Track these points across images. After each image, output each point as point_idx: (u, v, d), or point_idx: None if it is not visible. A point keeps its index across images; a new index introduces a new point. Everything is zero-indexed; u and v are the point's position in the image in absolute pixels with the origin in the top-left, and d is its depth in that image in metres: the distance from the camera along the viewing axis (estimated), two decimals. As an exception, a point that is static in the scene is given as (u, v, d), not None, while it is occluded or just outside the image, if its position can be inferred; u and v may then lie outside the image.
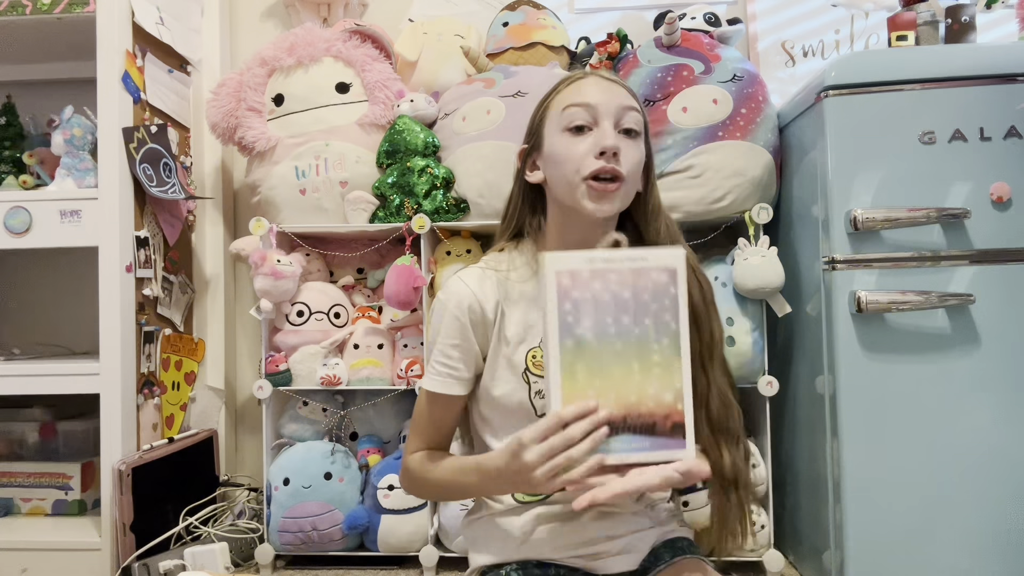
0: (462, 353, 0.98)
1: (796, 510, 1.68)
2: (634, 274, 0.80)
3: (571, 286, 0.80)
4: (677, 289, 0.81)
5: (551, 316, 0.80)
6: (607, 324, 0.80)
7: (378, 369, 1.75)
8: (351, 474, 1.72)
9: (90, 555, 1.63)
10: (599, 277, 0.80)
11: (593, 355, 0.80)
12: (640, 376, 0.80)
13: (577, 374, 0.80)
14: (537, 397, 0.99)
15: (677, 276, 0.81)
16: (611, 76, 1.00)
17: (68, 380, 1.68)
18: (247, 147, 1.86)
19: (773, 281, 1.58)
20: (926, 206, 1.41)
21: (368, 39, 1.89)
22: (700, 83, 1.70)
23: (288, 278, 1.73)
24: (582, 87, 0.97)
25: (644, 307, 0.81)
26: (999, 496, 1.38)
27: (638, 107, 0.97)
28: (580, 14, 2.14)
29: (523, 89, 1.77)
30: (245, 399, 2.15)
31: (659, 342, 0.81)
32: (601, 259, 0.80)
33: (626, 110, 0.95)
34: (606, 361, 0.80)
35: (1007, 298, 1.40)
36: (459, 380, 0.98)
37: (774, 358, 1.68)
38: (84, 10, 1.72)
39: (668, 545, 0.99)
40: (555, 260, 0.80)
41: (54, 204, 1.68)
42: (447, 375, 0.98)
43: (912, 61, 1.47)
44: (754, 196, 1.67)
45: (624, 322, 0.80)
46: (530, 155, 1.02)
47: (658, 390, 0.80)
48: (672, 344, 0.81)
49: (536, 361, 0.99)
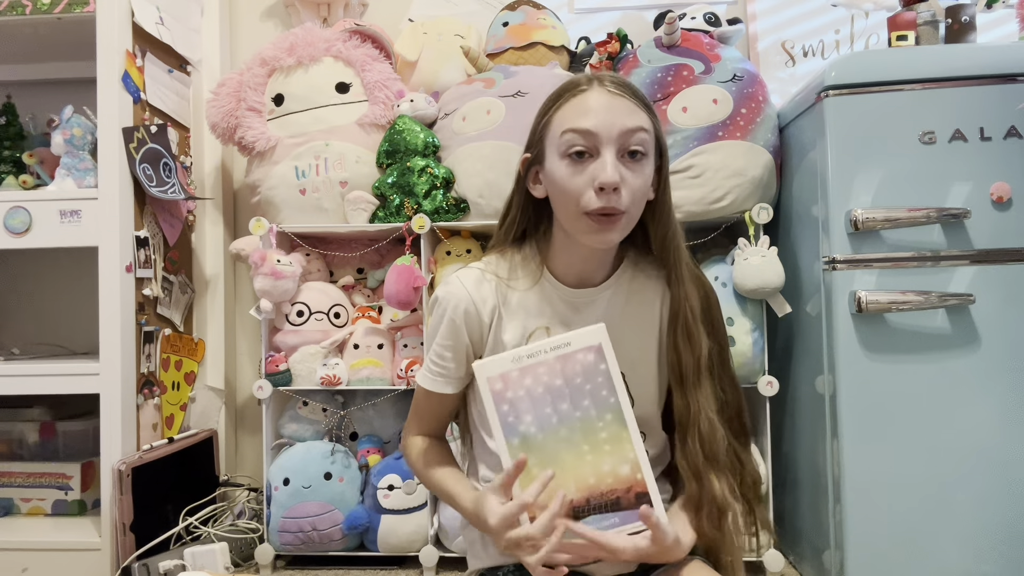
0: (455, 354, 0.98)
1: (796, 510, 1.68)
2: (561, 361, 0.83)
3: (504, 388, 0.83)
4: (607, 363, 0.83)
5: (492, 421, 0.83)
6: (547, 415, 0.83)
7: (378, 369, 1.75)
8: (351, 474, 1.72)
9: (90, 555, 1.63)
10: (528, 373, 0.83)
11: (541, 447, 0.83)
12: (592, 456, 0.83)
13: (530, 469, 0.82)
14: None
15: (603, 351, 0.83)
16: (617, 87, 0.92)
17: (68, 380, 1.68)
18: (247, 147, 1.86)
19: (773, 281, 1.58)
20: (926, 206, 1.41)
21: (368, 39, 1.89)
22: (700, 83, 1.70)
23: (288, 278, 1.73)
24: (584, 105, 0.91)
25: (579, 390, 0.83)
26: (999, 496, 1.38)
27: (644, 124, 0.91)
28: (580, 14, 2.14)
29: (523, 89, 1.77)
30: (245, 399, 2.15)
31: (602, 419, 0.83)
32: (526, 355, 0.83)
33: (630, 133, 0.89)
34: (555, 450, 0.83)
35: (1007, 298, 1.40)
36: (450, 380, 1.00)
37: (774, 358, 1.68)
38: (84, 10, 1.72)
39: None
40: (483, 367, 0.84)
41: (54, 204, 1.68)
42: (439, 374, 0.99)
43: (912, 61, 1.47)
44: (754, 196, 1.67)
45: (564, 409, 0.83)
46: (532, 166, 0.98)
47: (613, 465, 0.83)
48: (616, 417, 0.83)
49: None
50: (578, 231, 0.92)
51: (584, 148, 0.89)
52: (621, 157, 0.90)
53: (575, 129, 0.90)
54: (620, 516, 0.83)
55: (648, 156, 0.92)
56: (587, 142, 0.89)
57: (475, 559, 1.04)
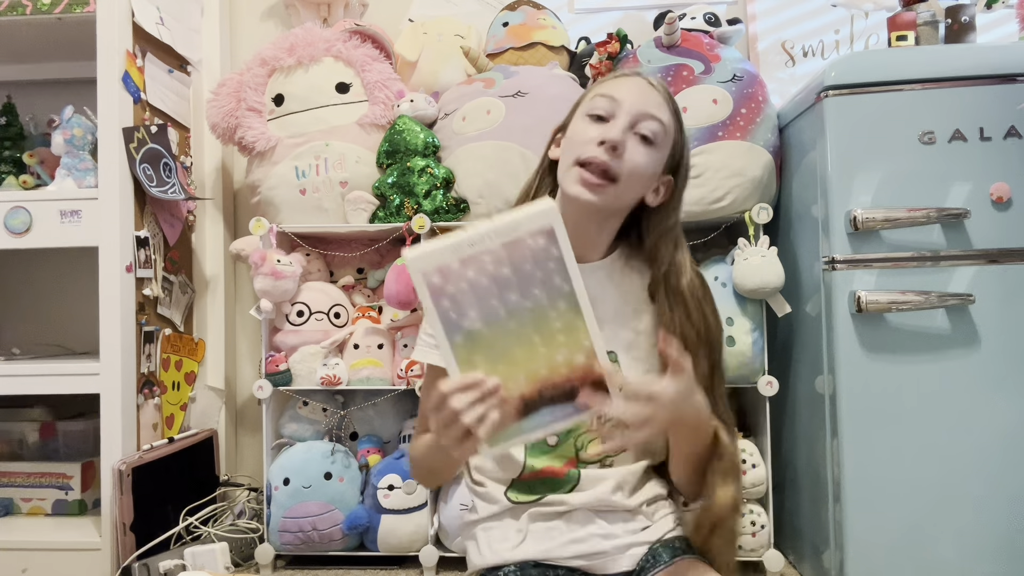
0: None
1: (796, 510, 1.68)
2: (508, 248, 0.74)
3: (443, 283, 0.74)
4: (559, 248, 0.74)
5: (432, 318, 0.75)
6: (494, 308, 0.75)
7: (378, 369, 1.75)
8: (351, 474, 1.72)
9: (90, 555, 1.63)
10: (471, 264, 0.74)
11: (488, 343, 0.76)
12: (545, 348, 0.76)
13: (477, 367, 0.76)
14: None
15: (555, 234, 0.74)
16: (657, 82, 1.00)
17: (68, 380, 1.68)
18: (247, 147, 1.86)
19: (773, 281, 1.58)
20: (926, 206, 1.41)
21: (368, 39, 1.89)
22: (700, 83, 1.70)
23: (288, 278, 1.73)
24: (620, 82, 0.99)
25: (529, 278, 0.75)
26: (999, 496, 1.38)
27: (664, 118, 0.97)
28: (580, 14, 2.14)
29: (523, 89, 1.77)
30: (245, 399, 2.15)
31: (555, 308, 0.75)
32: (467, 244, 0.73)
33: (646, 116, 0.95)
34: (504, 345, 0.76)
35: (1007, 298, 1.40)
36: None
37: (774, 358, 1.68)
38: (84, 10, 1.72)
39: (667, 545, 0.99)
40: (418, 261, 0.73)
41: (54, 204, 1.68)
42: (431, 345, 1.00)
43: (912, 61, 1.47)
44: (754, 196, 1.67)
45: (512, 300, 0.75)
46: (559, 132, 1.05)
47: (568, 356, 0.76)
48: (570, 305, 0.75)
49: None
50: (567, 181, 0.96)
51: (605, 113, 0.96)
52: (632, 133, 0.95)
53: (603, 94, 0.97)
54: (575, 405, 0.77)
55: (657, 149, 0.97)
56: (609, 107, 0.96)
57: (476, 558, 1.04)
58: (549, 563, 0.98)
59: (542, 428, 0.78)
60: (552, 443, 1.00)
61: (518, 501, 1.01)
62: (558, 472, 1.00)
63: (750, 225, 1.64)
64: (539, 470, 1.00)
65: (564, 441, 1.00)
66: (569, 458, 1.00)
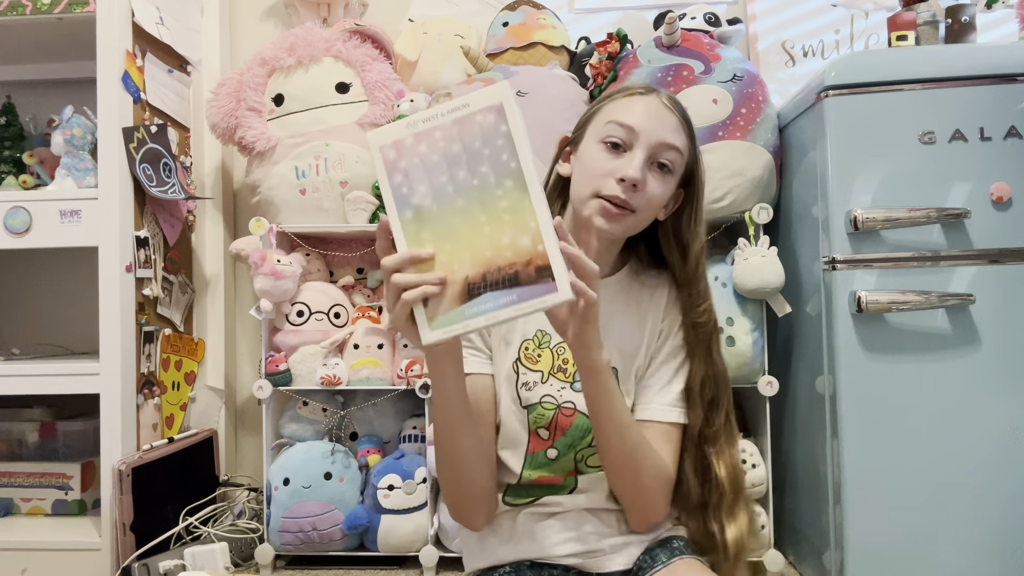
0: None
1: (796, 510, 1.68)
2: (458, 124, 0.74)
3: (398, 157, 0.75)
4: (508, 124, 0.73)
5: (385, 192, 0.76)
6: (443, 184, 0.75)
7: (378, 369, 1.75)
8: (351, 474, 1.72)
9: (90, 555, 1.63)
10: (424, 139, 0.75)
11: (436, 220, 0.75)
12: (490, 228, 0.74)
13: (424, 243, 0.75)
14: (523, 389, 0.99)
15: (504, 111, 0.74)
16: (670, 102, 0.99)
17: (68, 380, 1.67)
18: (247, 147, 1.86)
19: (773, 281, 1.58)
20: (926, 206, 1.41)
21: (368, 39, 1.89)
22: (700, 83, 1.70)
23: (288, 278, 1.73)
24: (635, 105, 0.97)
25: (477, 155, 0.74)
26: (999, 496, 1.38)
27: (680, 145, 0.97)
28: (580, 14, 2.14)
29: (523, 89, 1.76)
30: (245, 399, 2.15)
31: (502, 186, 0.74)
32: (421, 120, 0.75)
33: (665, 147, 0.95)
34: (451, 223, 0.75)
35: (1007, 298, 1.40)
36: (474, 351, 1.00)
37: (774, 358, 1.68)
38: (84, 10, 1.72)
39: (663, 544, 0.99)
40: (377, 135, 0.76)
41: (54, 204, 1.68)
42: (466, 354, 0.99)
43: (912, 61, 1.47)
44: (754, 196, 1.67)
45: (460, 177, 0.75)
46: (568, 146, 1.04)
47: (513, 237, 0.74)
48: (517, 184, 0.74)
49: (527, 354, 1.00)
50: (587, 209, 0.95)
51: (621, 141, 0.95)
52: (650, 164, 0.95)
53: (619, 122, 0.96)
54: (518, 292, 0.74)
55: (674, 175, 0.98)
56: (626, 136, 0.95)
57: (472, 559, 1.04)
58: (544, 563, 0.98)
59: (483, 316, 0.74)
60: (552, 457, 1.00)
61: (514, 504, 1.01)
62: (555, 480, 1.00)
63: (750, 225, 1.64)
64: (535, 479, 1.00)
65: (564, 455, 1.00)
66: (569, 471, 1.00)
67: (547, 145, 1.70)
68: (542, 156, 1.72)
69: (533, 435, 1.00)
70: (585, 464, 1.00)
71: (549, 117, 1.71)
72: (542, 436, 0.99)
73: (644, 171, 0.94)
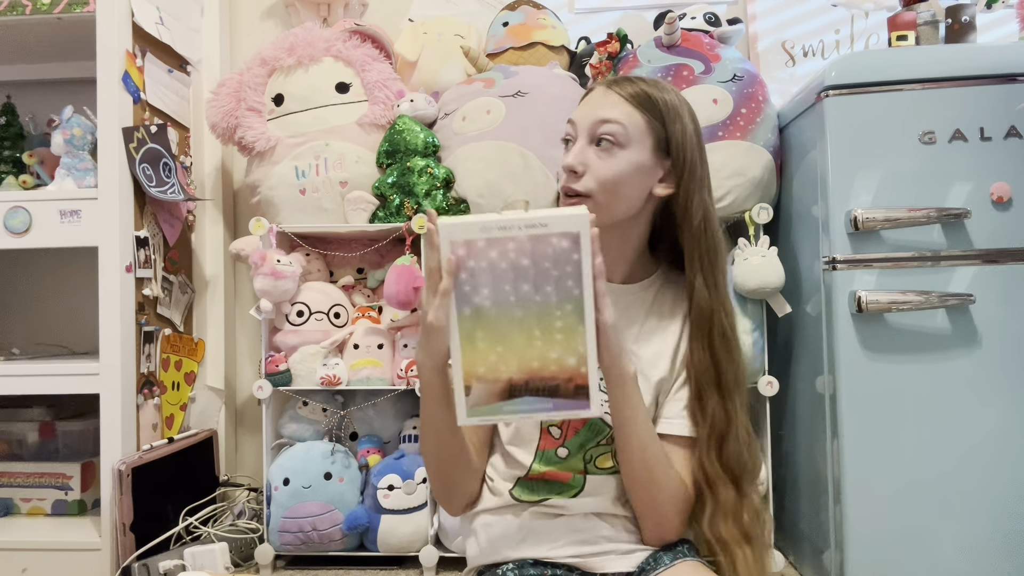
0: None
1: (796, 510, 1.68)
2: (533, 241, 0.78)
3: (467, 256, 0.79)
4: (580, 254, 0.78)
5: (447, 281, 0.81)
6: (506, 292, 0.79)
7: (378, 369, 1.75)
8: (351, 474, 1.72)
9: (90, 555, 1.63)
10: (496, 247, 0.78)
11: (492, 323, 0.80)
12: (542, 342, 0.80)
13: (477, 341, 0.80)
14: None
15: (580, 241, 0.78)
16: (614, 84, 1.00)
17: (68, 380, 1.67)
18: (247, 147, 1.86)
19: (773, 281, 1.58)
20: (926, 206, 1.41)
21: (368, 39, 1.89)
22: (700, 83, 1.70)
23: (288, 278, 1.73)
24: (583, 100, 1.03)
25: (545, 274, 0.79)
26: (1000, 496, 1.38)
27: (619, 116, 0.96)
28: (580, 14, 2.14)
29: (523, 89, 1.77)
30: (245, 399, 2.15)
31: (562, 308, 0.79)
32: (497, 227, 0.78)
33: (600, 123, 0.97)
34: (506, 328, 0.80)
35: (1007, 298, 1.40)
36: None
37: (774, 358, 1.68)
38: (84, 10, 1.72)
39: (667, 547, 0.99)
40: (450, 229, 0.78)
41: (54, 204, 1.68)
42: None
43: (912, 61, 1.47)
44: (754, 196, 1.67)
45: (524, 290, 0.79)
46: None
47: (561, 355, 0.80)
48: (575, 310, 0.79)
49: None
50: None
51: (569, 136, 1.01)
52: (594, 145, 0.97)
53: (568, 119, 1.02)
54: (555, 402, 0.81)
55: (625, 147, 0.96)
56: (570, 130, 1.01)
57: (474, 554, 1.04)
58: (547, 561, 0.98)
59: (518, 414, 0.82)
60: (563, 456, 1.00)
61: (522, 499, 1.01)
62: (563, 476, 1.00)
63: (750, 225, 1.64)
64: (544, 472, 1.00)
65: (575, 455, 1.00)
66: (578, 470, 1.00)
67: (547, 145, 1.72)
68: (542, 156, 1.73)
69: (544, 433, 1.00)
70: (594, 465, 1.00)
71: (549, 117, 1.71)
72: (553, 434, 1.00)
73: (582, 155, 0.97)
